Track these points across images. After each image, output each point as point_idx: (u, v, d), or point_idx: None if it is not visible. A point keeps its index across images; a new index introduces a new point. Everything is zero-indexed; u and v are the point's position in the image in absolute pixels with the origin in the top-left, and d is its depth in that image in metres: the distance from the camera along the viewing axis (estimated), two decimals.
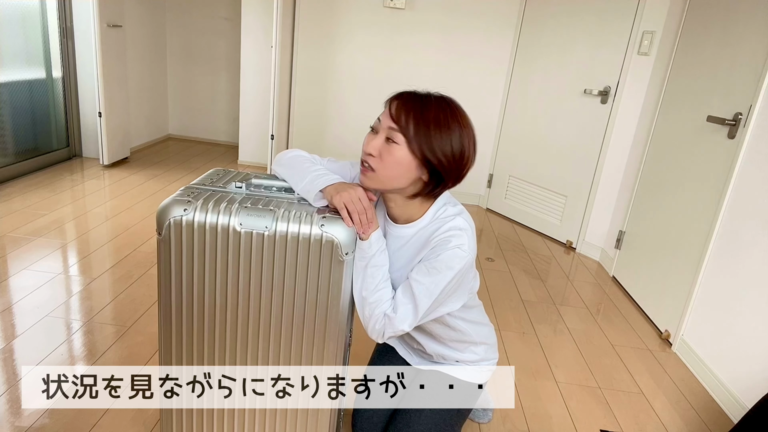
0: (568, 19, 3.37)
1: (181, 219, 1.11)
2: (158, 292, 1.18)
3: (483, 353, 1.47)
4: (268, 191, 1.24)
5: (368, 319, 1.21)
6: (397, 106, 1.14)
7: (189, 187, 1.21)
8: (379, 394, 1.48)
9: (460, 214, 1.23)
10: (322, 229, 1.11)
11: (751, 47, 2.11)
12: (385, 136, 1.14)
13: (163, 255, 1.15)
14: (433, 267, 1.16)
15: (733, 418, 1.93)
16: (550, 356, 2.20)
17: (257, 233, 1.11)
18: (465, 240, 1.17)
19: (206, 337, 1.20)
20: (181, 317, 1.19)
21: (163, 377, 1.25)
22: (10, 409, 1.59)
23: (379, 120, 1.16)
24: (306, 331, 1.18)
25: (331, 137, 4.30)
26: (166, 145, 5.00)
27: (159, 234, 1.13)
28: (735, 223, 2.07)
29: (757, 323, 1.89)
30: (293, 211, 1.13)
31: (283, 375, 1.22)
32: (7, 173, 3.52)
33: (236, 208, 1.12)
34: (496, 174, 4.04)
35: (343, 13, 3.99)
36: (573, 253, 3.40)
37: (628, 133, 3.13)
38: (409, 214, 1.25)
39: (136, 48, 4.49)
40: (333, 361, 1.21)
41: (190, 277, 1.16)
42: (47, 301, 2.17)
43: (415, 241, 1.25)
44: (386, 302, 1.20)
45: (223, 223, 1.11)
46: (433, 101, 1.15)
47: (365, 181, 1.18)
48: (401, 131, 1.12)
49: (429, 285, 1.17)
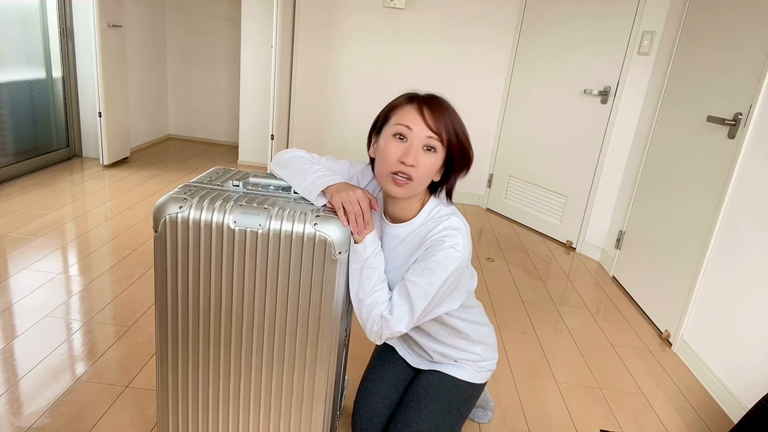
0: (568, 19, 3.37)
1: (176, 216, 1.12)
2: (155, 288, 1.19)
3: (482, 353, 1.47)
4: (266, 190, 1.25)
5: (366, 321, 1.21)
6: (431, 115, 1.15)
7: (187, 185, 1.21)
8: (378, 394, 1.48)
9: (454, 214, 1.24)
10: (315, 228, 1.11)
11: (751, 47, 2.11)
12: (423, 145, 1.15)
13: (159, 252, 1.16)
14: (428, 267, 1.17)
15: (733, 418, 1.93)
16: (550, 356, 2.20)
17: (251, 231, 1.12)
18: (459, 240, 1.18)
19: (201, 333, 1.22)
20: (177, 313, 1.20)
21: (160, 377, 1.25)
22: (10, 409, 1.59)
23: (410, 128, 1.15)
24: (299, 328, 1.19)
25: (331, 137, 4.31)
26: (166, 145, 5.01)
27: (155, 231, 1.14)
28: (735, 223, 2.07)
29: (757, 323, 1.89)
30: (287, 209, 1.14)
31: (276, 372, 1.22)
32: (7, 173, 3.52)
33: (231, 206, 1.13)
34: (496, 174, 4.04)
35: (343, 13, 3.99)
36: (573, 253, 3.40)
37: (628, 133, 3.13)
38: (407, 212, 1.26)
39: (136, 48, 4.49)
40: (327, 358, 1.21)
41: (185, 274, 1.17)
42: (47, 301, 2.17)
43: (410, 240, 1.25)
44: (383, 304, 1.20)
45: (217, 221, 1.12)
46: (441, 99, 1.19)
47: (401, 192, 1.17)
48: (440, 139, 1.15)
49: (424, 286, 1.17)
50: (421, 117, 1.14)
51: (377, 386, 1.49)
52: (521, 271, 3.01)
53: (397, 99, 1.21)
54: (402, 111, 1.17)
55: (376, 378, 1.51)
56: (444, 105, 1.18)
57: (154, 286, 1.19)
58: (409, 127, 1.15)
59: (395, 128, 1.16)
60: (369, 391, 1.49)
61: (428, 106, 1.16)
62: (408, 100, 1.18)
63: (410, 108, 1.16)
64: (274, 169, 1.33)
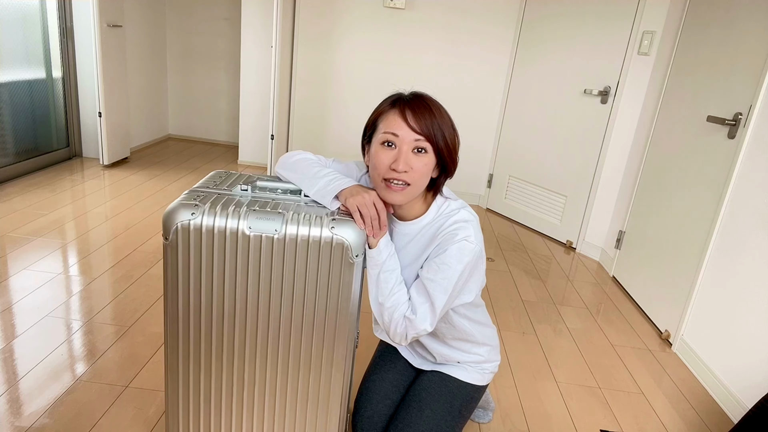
0: (568, 20, 3.37)
1: (188, 223, 1.09)
2: (164, 298, 1.16)
3: (486, 355, 1.47)
4: (274, 193, 1.23)
5: (389, 324, 1.21)
6: (414, 117, 1.14)
7: (193, 191, 1.19)
8: (380, 394, 1.48)
9: (464, 207, 1.25)
10: (332, 231, 1.10)
11: (751, 47, 2.11)
12: (412, 148, 1.15)
13: (170, 260, 1.12)
14: (443, 263, 1.17)
15: (733, 418, 1.93)
16: (550, 356, 2.20)
17: (266, 236, 1.09)
18: (471, 231, 1.19)
19: (214, 340, 1.19)
20: (188, 322, 1.18)
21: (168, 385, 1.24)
22: (10, 409, 1.59)
23: (396, 134, 1.15)
24: (316, 333, 1.17)
25: (332, 137, 4.31)
26: (166, 145, 5.00)
27: (165, 239, 1.11)
28: (735, 223, 2.07)
29: (757, 323, 1.89)
30: (302, 213, 1.12)
31: (291, 378, 1.21)
32: (7, 173, 3.52)
33: (245, 212, 1.10)
34: (496, 174, 4.04)
35: (343, 13, 3.99)
36: (573, 253, 3.40)
37: (628, 133, 3.13)
38: (413, 211, 1.26)
39: (136, 48, 4.49)
40: (342, 363, 1.20)
41: (198, 282, 1.14)
42: (47, 301, 2.17)
43: (421, 237, 1.26)
44: (403, 304, 1.20)
45: (231, 227, 1.09)
46: (425, 98, 1.19)
47: (400, 198, 1.17)
48: (428, 139, 1.15)
49: (441, 281, 1.17)
50: (404, 122, 1.14)
51: (378, 386, 1.49)
52: (521, 271, 3.01)
53: (382, 104, 1.21)
54: (387, 117, 1.17)
55: (378, 378, 1.51)
56: (429, 104, 1.17)
57: (163, 294, 1.16)
58: (395, 134, 1.15)
59: (383, 136, 1.17)
60: (370, 391, 1.49)
61: (411, 108, 1.15)
62: (391, 105, 1.18)
63: (394, 113, 1.16)
64: (280, 171, 1.31)
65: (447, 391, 1.43)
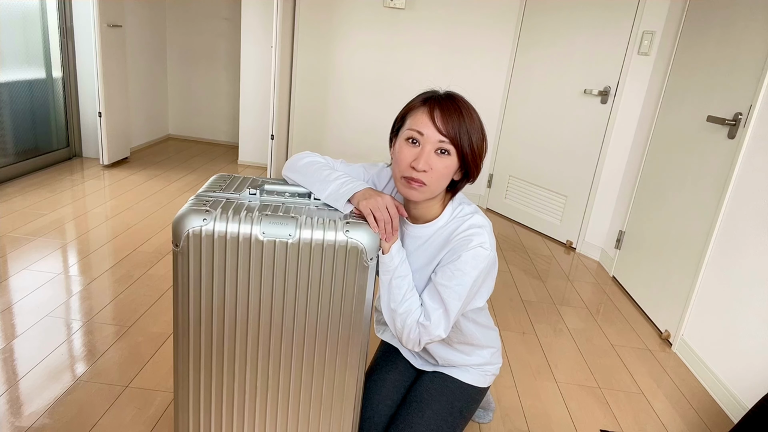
0: (568, 20, 3.37)
1: (200, 230, 1.07)
2: (174, 304, 1.14)
3: (488, 357, 1.47)
4: (282, 197, 1.21)
5: (401, 330, 1.20)
6: (442, 117, 1.13)
7: (200, 196, 1.16)
8: (380, 394, 1.48)
9: (477, 212, 1.24)
10: (347, 235, 1.08)
11: (751, 47, 2.11)
12: (436, 149, 1.14)
13: (181, 267, 1.10)
14: (458, 269, 1.17)
15: (733, 418, 1.93)
16: (550, 356, 2.20)
17: (280, 241, 1.07)
18: (486, 237, 1.19)
19: (226, 346, 1.17)
20: (200, 327, 1.16)
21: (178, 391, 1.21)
22: (10, 409, 1.59)
23: (421, 133, 1.14)
24: (330, 337, 1.16)
25: (332, 137, 4.31)
26: (166, 145, 5.00)
27: (176, 246, 1.08)
28: (735, 223, 2.07)
29: (757, 323, 1.89)
30: (315, 217, 1.10)
31: (305, 383, 1.19)
32: (7, 173, 3.52)
33: (257, 216, 1.08)
34: (496, 174, 4.04)
35: (343, 13, 3.99)
36: (573, 253, 3.40)
37: (628, 133, 3.13)
38: (428, 213, 1.25)
39: (136, 48, 4.49)
40: (356, 367, 1.18)
41: (210, 289, 1.12)
42: (47, 301, 2.17)
43: (434, 240, 1.25)
44: (416, 310, 1.20)
45: (244, 233, 1.07)
46: (457, 99, 1.18)
47: (416, 195, 1.17)
48: (452, 142, 1.14)
49: (456, 287, 1.17)
50: (431, 121, 1.13)
51: (379, 386, 1.49)
52: (521, 271, 3.01)
53: (414, 100, 1.20)
54: (415, 114, 1.16)
55: (378, 378, 1.51)
56: (460, 106, 1.16)
57: (173, 300, 1.14)
58: (420, 132, 1.14)
59: (408, 133, 1.16)
60: (371, 391, 1.48)
61: (441, 108, 1.14)
62: (422, 102, 1.17)
63: (423, 111, 1.15)
64: (288, 174, 1.30)
65: (448, 392, 1.42)
